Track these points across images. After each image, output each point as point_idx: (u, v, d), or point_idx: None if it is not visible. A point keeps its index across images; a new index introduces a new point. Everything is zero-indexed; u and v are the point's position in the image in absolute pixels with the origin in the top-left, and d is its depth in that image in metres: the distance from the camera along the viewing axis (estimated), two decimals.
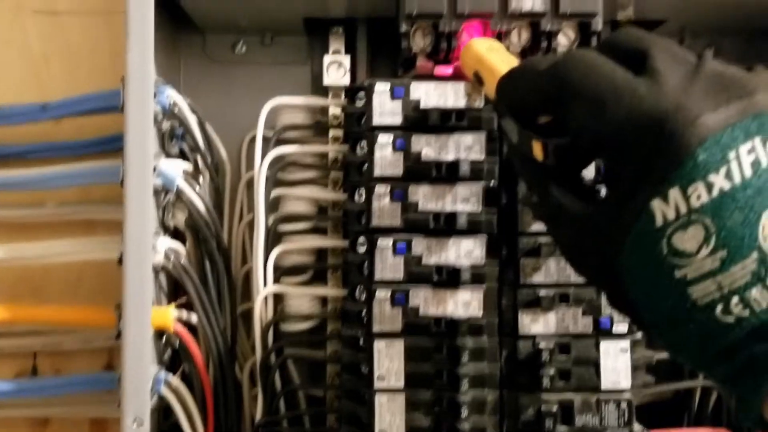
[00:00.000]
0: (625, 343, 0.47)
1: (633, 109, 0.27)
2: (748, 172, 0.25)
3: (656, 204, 0.26)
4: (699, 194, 0.25)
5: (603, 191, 0.33)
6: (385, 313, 0.47)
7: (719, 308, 0.25)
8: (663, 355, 0.51)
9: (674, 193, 0.25)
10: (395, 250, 0.47)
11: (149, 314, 0.46)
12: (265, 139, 0.53)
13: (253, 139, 0.54)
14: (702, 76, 0.27)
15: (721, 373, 0.27)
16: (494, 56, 0.41)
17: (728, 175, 0.25)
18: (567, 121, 0.30)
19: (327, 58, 0.54)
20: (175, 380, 0.50)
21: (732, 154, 0.25)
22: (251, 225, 0.54)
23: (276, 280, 0.52)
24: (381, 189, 0.47)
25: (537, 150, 0.32)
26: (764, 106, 0.26)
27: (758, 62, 0.58)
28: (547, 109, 0.32)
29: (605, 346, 0.47)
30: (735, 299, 0.25)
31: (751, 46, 0.60)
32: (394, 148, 0.47)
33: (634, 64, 0.29)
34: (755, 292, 0.25)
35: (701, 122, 0.25)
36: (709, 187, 0.25)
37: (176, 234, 0.53)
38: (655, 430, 0.49)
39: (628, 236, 0.27)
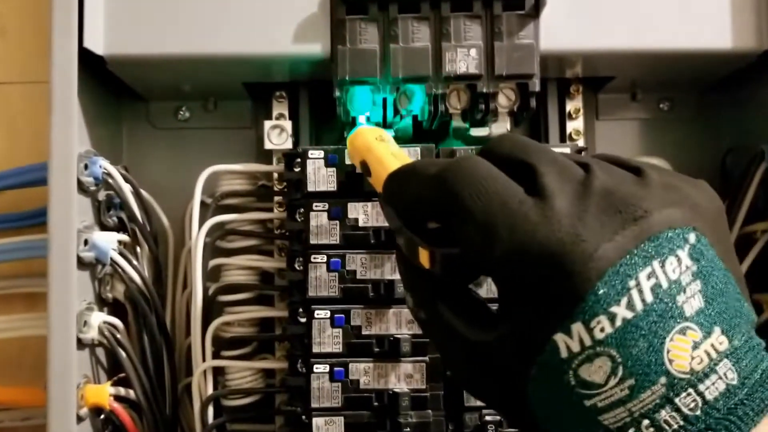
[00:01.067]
0: None
1: (526, 240, 0.25)
2: (649, 297, 0.24)
3: (559, 338, 0.25)
4: (602, 327, 0.24)
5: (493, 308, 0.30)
6: (324, 388, 0.45)
7: None
8: None
9: (577, 328, 0.24)
10: (333, 322, 0.45)
11: (74, 392, 0.44)
12: (205, 207, 0.52)
13: None
14: (593, 196, 0.26)
15: None
16: (383, 148, 0.38)
17: (630, 305, 0.24)
18: (455, 235, 0.28)
19: (267, 124, 0.53)
20: None
21: (632, 282, 0.24)
22: (192, 307, 0.52)
23: (216, 353, 0.50)
24: (317, 258, 0.46)
25: (423, 258, 0.29)
26: (659, 227, 0.25)
27: (712, 115, 0.58)
28: (434, 217, 0.30)
29: None
30: (646, 422, 0.24)
31: (703, 100, 0.59)
32: (330, 216, 0.46)
33: (521, 177, 0.28)
34: (664, 414, 0.24)
35: (600, 255, 0.24)
36: (612, 318, 0.24)
37: (117, 306, 0.52)
38: None
39: (533, 367, 0.26)
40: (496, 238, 0.26)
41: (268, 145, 0.53)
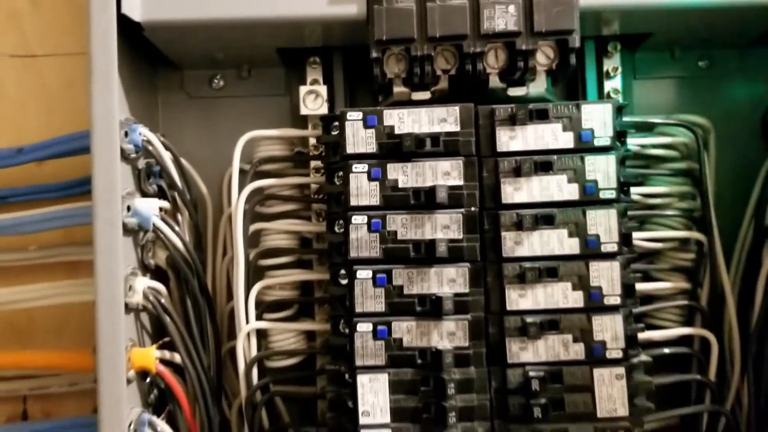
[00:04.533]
0: (620, 370, 0.45)
1: None
2: None
3: None
4: None
5: None
6: (367, 347, 0.45)
7: None
8: (664, 380, 0.49)
9: None
10: (375, 282, 0.45)
11: (123, 355, 0.45)
12: (243, 173, 0.52)
13: None
14: None
15: None
16: None
17: None
18: None
19: (303, 89, 0.53)
20: (161, 422, 0.49)
21: None
22: (234, 271, 0.52)
23: (259, 316, 0.51)
24: (358, 219, 0.46)
25: None
26: None
27: (753, 72, 0.57)
28: None
29: (599, 372, 0.45)
30: None
31: (744, 56, 0.58)
32: (370, 177, 0.46)
33: None
34: None
35: None
36: None
37: (159, 272, 0.52)
38: None
39: None
40: None
41: (303, 111, 0.53)
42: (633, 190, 0.50)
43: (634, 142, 0.52)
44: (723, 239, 0.52)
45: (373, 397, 0.45)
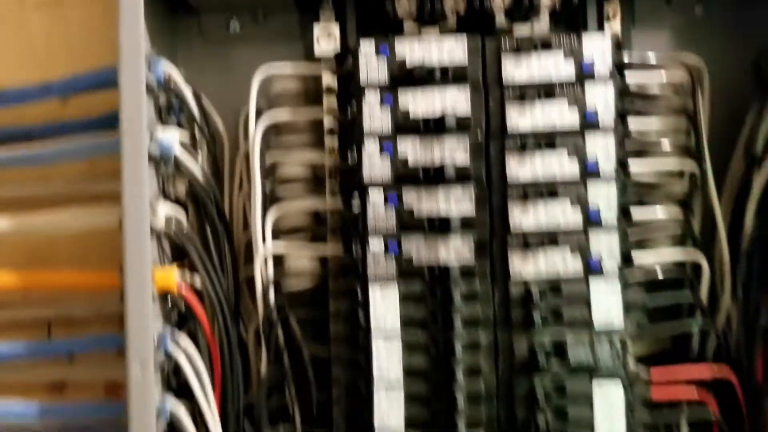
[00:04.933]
0: (616, 284, 0.48)
1: None
2: None
3: None
4: None
5: None
6: (379, 262, 0.48)
7: None
8: (657, 299, 0.52)
9: None
10: (387, 201, 0.48)
11: (149, 268, 0.48)
12: (259, 113, 0.55)
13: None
14: None
15: None
16: None
17: None
18: None
19: (317, 30, 0.55)
20: (183, 338, 0.51)
21: None
22: (251, 195, 0.55)
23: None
24: (371, 145, 0.49)
25: None
26: None
27: (746, 17, 0.59)
28: None
29: (596, 286, 0.48)
30: None
31: (739, 4, 0.60)
32: (382, 104, 0.49)
33: None
34: None
35: None
36: None
37: (178, 205, 0.55)
38: (654, 367, 0.50)
39: None
40: None
41: (317, 51, 0.55)
42: (630, 124, 0.52)
43: (631, 81, 0.54)
44: (715, 172, 0.55)
45: (385, 308, 0.48)
